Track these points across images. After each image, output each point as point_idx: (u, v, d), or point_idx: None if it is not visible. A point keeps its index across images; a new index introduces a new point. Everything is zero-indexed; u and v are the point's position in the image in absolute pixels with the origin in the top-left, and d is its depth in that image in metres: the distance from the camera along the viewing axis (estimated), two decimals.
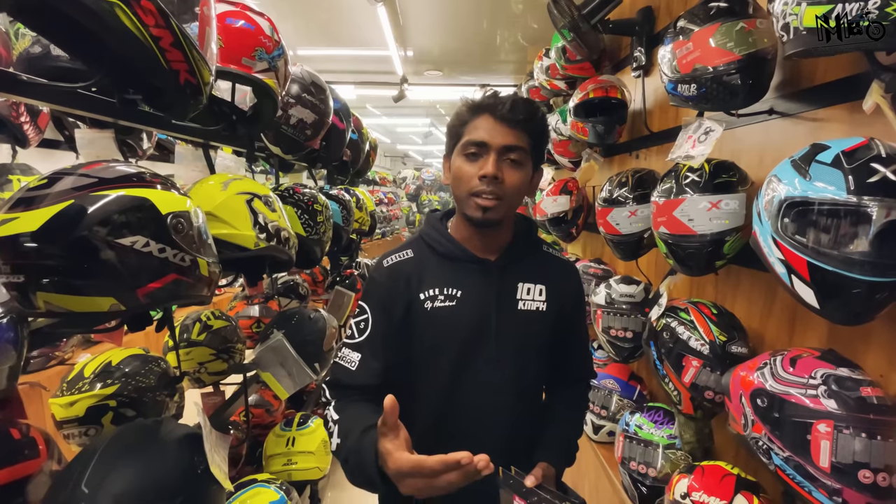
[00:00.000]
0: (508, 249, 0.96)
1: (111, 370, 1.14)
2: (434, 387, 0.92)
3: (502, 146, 0.85)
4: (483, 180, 0.85)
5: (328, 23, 3.17)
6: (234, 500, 1.29)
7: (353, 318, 0.95)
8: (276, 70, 1.20)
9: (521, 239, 0.98)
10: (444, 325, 0.90)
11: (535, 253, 1.00)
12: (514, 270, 0.95)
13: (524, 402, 0.97)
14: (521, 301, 0.94)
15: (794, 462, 0.77)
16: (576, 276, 1.05)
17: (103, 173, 0.72)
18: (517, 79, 4.29)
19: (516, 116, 0.85)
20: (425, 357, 0.92)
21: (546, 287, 0.96)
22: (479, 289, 0.92)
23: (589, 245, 2.65)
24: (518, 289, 0.94)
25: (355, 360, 0.90)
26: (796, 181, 0.77)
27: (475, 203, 0.86)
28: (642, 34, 1.79)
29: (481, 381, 0.91)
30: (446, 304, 0.91)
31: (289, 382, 1.56)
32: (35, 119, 1.88)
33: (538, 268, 0.97)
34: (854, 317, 0.76)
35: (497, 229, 0.93)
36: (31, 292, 0.65)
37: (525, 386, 0.96)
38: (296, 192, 1.57)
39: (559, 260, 1.03)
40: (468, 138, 0.87)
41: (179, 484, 0.78)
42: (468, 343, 0.91)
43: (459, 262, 0.93)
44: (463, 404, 0.92)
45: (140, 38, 0.71)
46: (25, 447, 0.81)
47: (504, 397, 0.93)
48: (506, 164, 0.86)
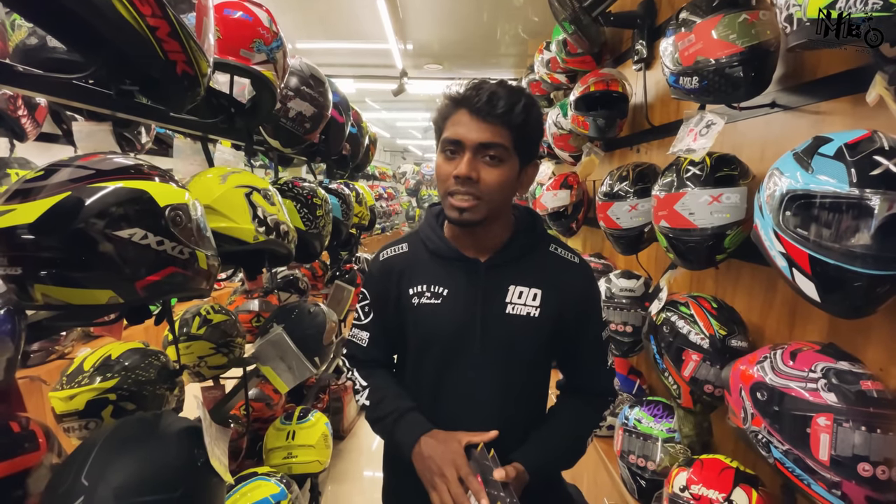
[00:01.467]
0: (502, 249, 0.91)
1: (111, 364, 1.14)
2: (421, 383, 0.94)
3: (477, 143, 0.80)
4: (457, 180, 0.81)
5: (327, 15, 3.15)
6: (234, 493, 1.29)
7: (358, 303, 1.02)
8: (274, 62, 1.19)
9: (519, 237, 0.93)
10: (430, 323, 0.90)
11: (538, 253, 0.93)
12: (507, 271, 0.90)
13: (516, 409, 0.92)
14: (511, 305, 0.88)
15: (793, 455, 0.77)
16: (584, 281, 0.95)
17: (100, 165, 0.72)
18: (518, 72, 4.27)
19: (494, 110, 0.79)
20: (414, 352, 0.94)
21: (542, 291, 0.89)
22: (465, 289, 0.89)
23: (589, 240, 2.64)
24: (508, 291, 0.89)
25: (365, 338, 0.99)
26: (798, 174, 0.77)
27: (450, 203, 0.83)
28: (644, 27, 1.78)
29: (465, 381, 0.90)
30: (432, 302, 0.90)
31: (289, 376, 1.57)
32: (33, 113, 1.87)
33: (537, 270, 0.91)
34: (855, 310, 0.75)
35: (485, 228, 0.88)
36: (29, 285, 0.65)
37: (514, 391, 0.91)
38: (295, 185, 1.56)
39: (565, 261, 0.94)
40: (445, 135, 0.83)
41: (179, 476, 0.78)
42: (452, 342, 0.89)
43: (448, 261, 0.92)
44: (448, 403, 0.91)
45: (137, 27, 0.71)
46: (25, 440, 0.81)
47: (489, 400, 0.90)
48: (482, 162, 0.81)
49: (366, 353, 0.99)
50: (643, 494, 1.34)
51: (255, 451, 1.87)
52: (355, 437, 3.17)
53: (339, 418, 3.06)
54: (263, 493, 1.32)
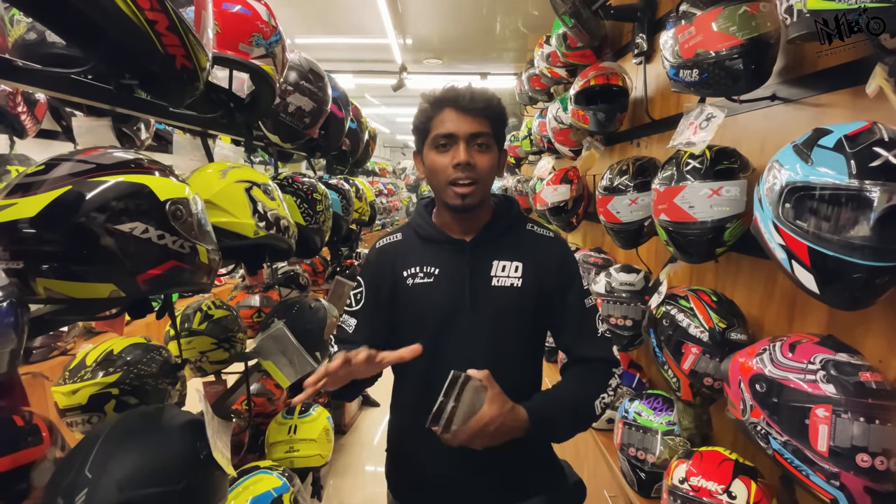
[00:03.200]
0: (484, 230, 1.01)
1: (113, 358, 1.14)
2: (416, 359, 0.95)
3: (469, 134, 0.92)
4: (457, 168, 0.92)
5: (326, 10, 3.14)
6: (237, 487, 1.30)
7: (352, 290, 1.08)
8: (273, 56, 1.19)
9: (499, 219, 1.02)
10: (424, 299, 0.98)
11: (516, 231, 1.03)
12: (490, 249, 0.99)
13: (509, 381, 0.92)
14: (496, 278, 0.98)
15: (792, 446, 0.78)
16: (559, 252, 1.02)
17: (101, 159, 0.72)
18: (517, 67, 4.25)
19: (477, 105, 0.92)
20: (409, 327, 1.01)
21: (523, 264, 0.98)
22: (455, 266, 0.99)
23: (589, 234, 2.64)
24: (493, 266, 0.98)
25: (352, 325, 1.05)
26: (798, 166, 0.77)
27: (453, 192, 0.93)
28: (644, 20, 1.78)
29: (457, 349, 0.97)
30: (425, 281, 0.99)
31: (290, 371, 1.57)
32: (32, 109, 1.87)
33: (517, 245, 1.00)
34: (854, 302, 0.75)
35: (475, 212, 0.99)
36: (31, 278, 0.65)
37: (504, 360, 0.96)
38: (295, 181, 1.56)
39: (541, 237, 1.04)
40: (437, 132, 0.94)
41: (182, 469, 0.78)
42: (445, 314, 0.97)
43: (438, 244, 1.01)
44: (442, 370, 0.92)
45: (136, 21, 0.70)
46: (29, 434, 0.81)
47: (480, 364, 0.91)
48: (475, 149, 0.93)
49: (350, 338, 1.04)
50: (643, 487, 1.35)
51: (258, 445, 1.88)
52: (357, 431, 3.18)
53: (341, 412, 3.07)
54: (265, 487, 1.32)
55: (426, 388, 0.94)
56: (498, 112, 0.96)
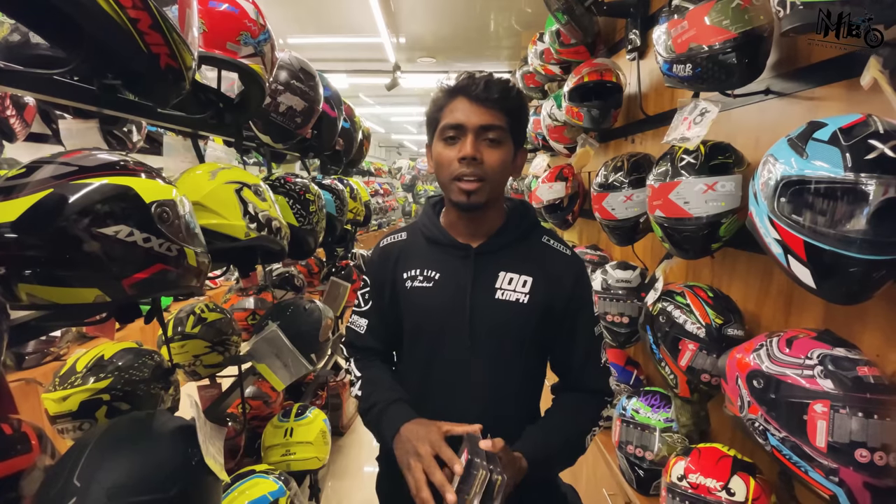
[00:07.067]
0: (494, 236, 0.93)
1: (104, 364, 1.13)
2: (414, 368, 0.96)
3: (479, 126, 0.84)
4: (462, 162, 0.85)
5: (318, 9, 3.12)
6: (232, 491, 1.29)
7: (359, 290, 1.04)
8: (262, 55, 1.17)
9: (511, 225, 0.95)
10: (422, 305, 0.93)
11: (530, 242, 0.95)
12: (498, 258, 0.92)
13: (507, 400, 0.91)
14: (500, 290, 0.90)
15: (790, 442, 0.77)
16: (575, 274, 0.94)
17: (84, 161, 0.70)
18: (511, 65, 4.24)
19: (491, 95, 0.84)
20: (408, 334, 0.97)
21: (533, 279, 0.90)
22: (457, 273, 0.92)
23: (585, 232, 2.64)
24: (498, 277, 0.91)
25: (363, 326, 1.01)
26: (793, 160, 0.76)
27: (458, 188, 0.86)
28: (637, 16, 1.77)
29: (455, 365, 0.91)
30: (424, 285, 0.93)
31: (284, 373, 1.56)
32: (21, 113, 1.85)
33: (528, 258, 0.93)
34: (850, 296, 0.75)
35: (483, 213, 0.91)
36: (13, 284, 0.64)
37: (504, 380, 0.91)
38: (287, 181, 1.54)
39: (557, 252, 0.96)
40: (445, 122, 0.87)
41: (173, 476, 0.77)
42: (443, 324, 0.91)
43: (442, 247, 0.95)
44: (439, 387, 0.92)
45: (117, 20, 0.69)
46: (17, 442, 0.80)
47: (480, 382, 0.90)
48: (484, 143, 0.86)
49: (363, 340, 1.01)
50: (641, 484, 1.34)
51: (254, 449, 1.87)
52: (354, 433, 3.17)
53: (338, 414, 3.06)
54: (262, 491, 1.31)
55: (423, 400, 0.91)
56: (515, 105, 0.87)
